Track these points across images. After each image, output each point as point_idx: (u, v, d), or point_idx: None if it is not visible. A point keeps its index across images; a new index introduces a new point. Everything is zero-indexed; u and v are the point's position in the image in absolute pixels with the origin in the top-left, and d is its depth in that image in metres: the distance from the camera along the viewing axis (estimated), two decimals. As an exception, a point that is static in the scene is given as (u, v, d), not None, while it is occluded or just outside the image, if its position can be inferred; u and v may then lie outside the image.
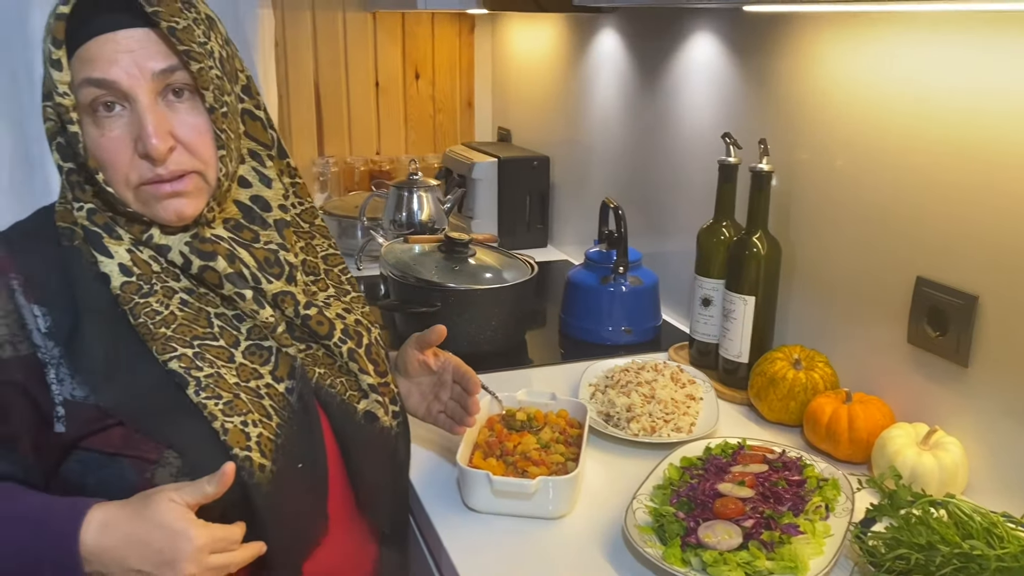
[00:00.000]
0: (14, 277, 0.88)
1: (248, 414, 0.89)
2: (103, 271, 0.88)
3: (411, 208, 1.99)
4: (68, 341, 0.87)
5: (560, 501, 1.09)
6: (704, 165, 1.65)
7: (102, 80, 0.85)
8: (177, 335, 0.89)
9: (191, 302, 0.92)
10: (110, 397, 0.87)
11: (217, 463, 0.84)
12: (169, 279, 0.92)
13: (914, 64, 1.19)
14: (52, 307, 0.88)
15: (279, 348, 0.96)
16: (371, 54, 2.58)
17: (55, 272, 0.89)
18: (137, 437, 0.87)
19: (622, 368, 1.43)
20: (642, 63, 1.86)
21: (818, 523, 1.03)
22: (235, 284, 0.93)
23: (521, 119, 2.57)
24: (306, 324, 0.98)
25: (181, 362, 0.88)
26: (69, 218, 0.91)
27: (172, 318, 0.90)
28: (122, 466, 0.87)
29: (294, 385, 0.95)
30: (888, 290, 1.27)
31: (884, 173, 1.25)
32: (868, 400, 1.25)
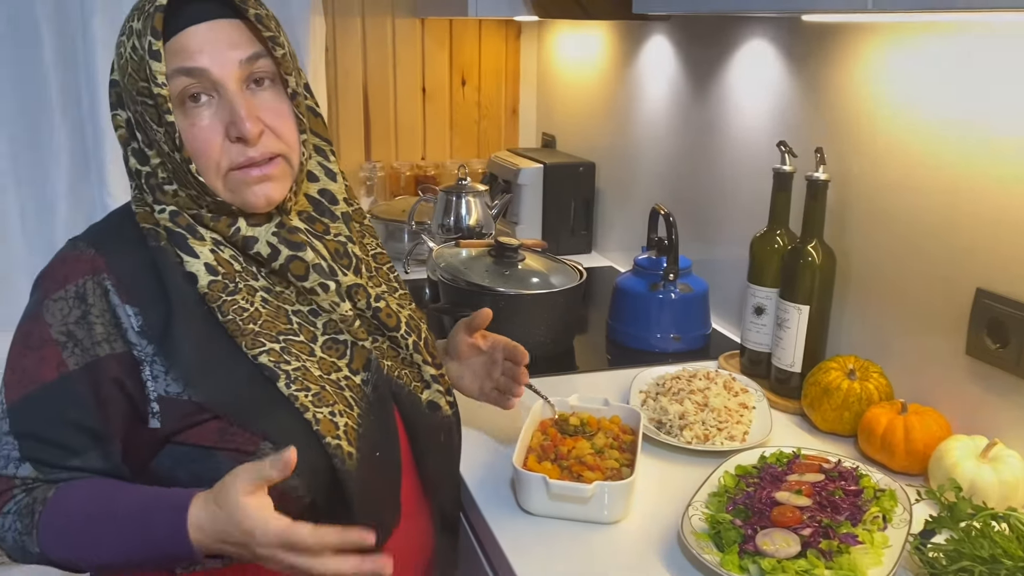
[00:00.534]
0: (107, 277, 0.90)
1: (334, 405, 0.93)
2: (189, 271, 0.91)
3: (459, 213, 2.01)
4: (161, 339, 0.89)
5: (615, 506, 1.10)
6: (756, 173, 1.65)
7: (193, 69, 0.89)
8: (264, 331, 0.92)
9: (270, 300, 0.95)
10: (205, 392, 0.89)
11: (310, 452, 0.88)
12: (249, 278, 0.95)
13: (973, 74, 1.18)
14: (144, 306, 0.90)
15: (353, 342, 0.99)
16: (419, 60, 2.61)
17: (144, 272, 0.91)
18: (233, 430, 0.89)
19: (673, 375, 1.43)
20: (693, 70, 1.86)
21: (876, 533, 1.02)
22: (320, 275, 0.97)
23: (566, 125, 2.58)
24: (376, 316, 1.02)
25: (270, 356, 0.91)
26: (151, 220, 0.94)
27: (257, 314, 0.93)
28: (218, 460, 0.89)
29: (369, 377, 0.99)
30: (946, 301, 1.26)
31: (942, 183, 1.25)
32: (924, 411, 1.24)
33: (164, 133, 0.89)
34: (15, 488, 0.89)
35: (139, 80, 0.88)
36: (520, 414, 1.31)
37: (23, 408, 0.89)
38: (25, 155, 2.19)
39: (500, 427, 1.33)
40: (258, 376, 0.91)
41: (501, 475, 1.21)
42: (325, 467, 0.91)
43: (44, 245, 2.24)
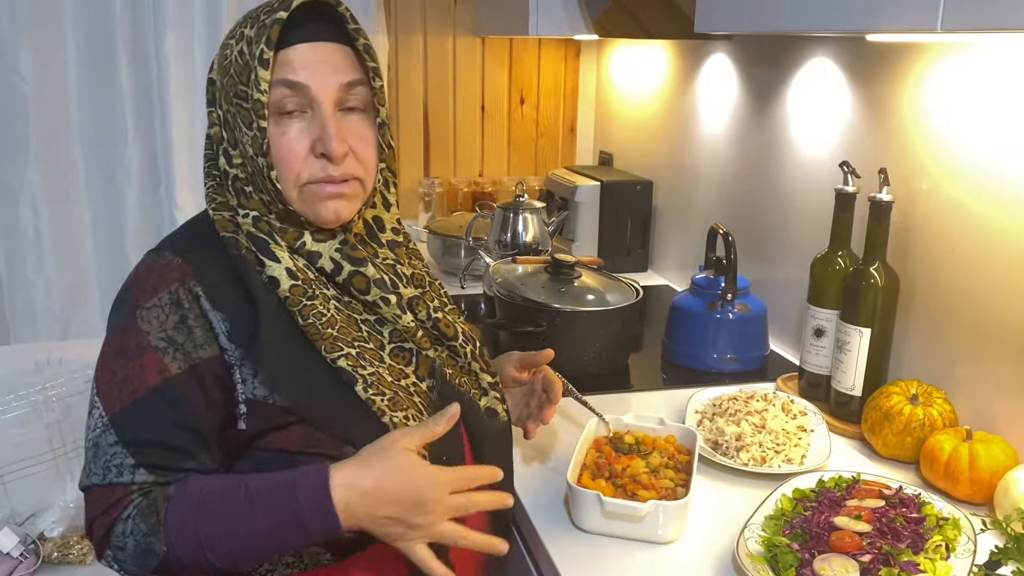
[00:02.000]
0: (196, 284, 0.93)
1: (408, 409, 0.97)
2: (271, 275, 0.94)
3: (516, 229, 2.02)
4: (248, 344, 0.92)
5: (670, 526, 1.09)
6: (816, 193, 1.63)
7: (295, 83, 0.93)
8: (341, 335, 0.96)
9: (342, 309, 0.99)
10: (290, 396, 0.92)
11: None
12: (321, 287, 0.98)
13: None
14: (230, 313, 0.93)
15: (418, 350, 1.03)
16: (479, 78, 2.65)
17: (228, 280, 0.94)
18: (318, 435, 0.92)
19: (730, 396, 1.42)
20: (754, 88, 1.85)
21: (939, 562, 1.00)
22: (381, 289, 1.00)
23: (623, 143, 2.59)
24: (436, 327, 1.06)
25: (348, 360, 0.95)
26: (231, 227, 0.97)
27: (334, 320, 0.96)
28: (303, 464, 0.90)
29: (435, 383, 1.03)
30: (1012, 327, 1.22)
31: (1008, 205, 1.22)
32: (990, 439, 1.21)
33: (252, 137, 0.93)
34: (133, 494, 0.90)
35: (239, 83, 0.93)
36: (575, 431, 1.31)
37: (130, 415, 0.90)
38: (97, 170, 2.28)
39: (555, 444, 1.34)
40: (337, 380, 0.94)
41: (555, 491, 1.21)
42: None
43: (113, 258, 2.32)
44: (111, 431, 0.90)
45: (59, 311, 2.30)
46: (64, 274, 2.29)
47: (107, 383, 0.92)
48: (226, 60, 0.95)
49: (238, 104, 0.93)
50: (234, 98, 0.94)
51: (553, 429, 1.39)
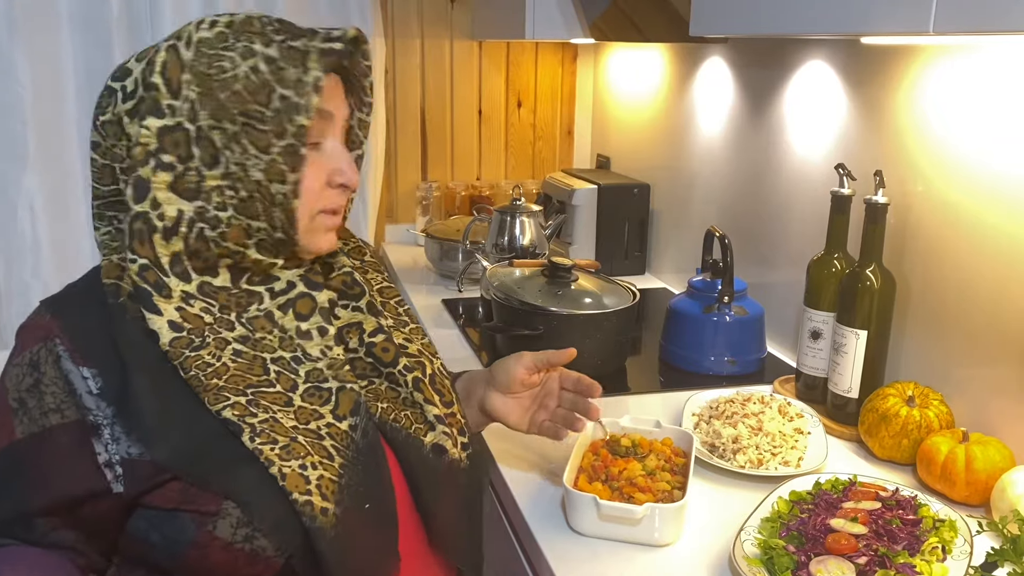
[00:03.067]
0: (60, 342, 0.88)
1: (306, 456, 0.87)
2: (152, 328, 0.87)
3: (513, 232, 2.03)
4: (119, 400, 0.86)
5: (666, 528, 1.09)
6: (813, 196, 1.63)
7: (327, 112, 0.92)
8: (230, 384, 0.88)
9: (245, 351, 0.91)
10: (164, 452, 0.85)
11: (277, 509, 0.85)
12: (223, 329, 0.90)
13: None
14: (101, 367, 0.87)
15: (340, 387, 0.94)
16: (476, 82, 2.65)
17: (102, 331, 0.88)
18: (193, 491, 0.85)
19: (727, 399, 1.42)
20: (751, 91, 1.86)
21: (935, 564, 1.00)
22: (322, 318, 0.96)
23: (621, 146, 2.59)
24: (371, 352, 0.99)
25: (235, 410, 0.86)
26: (114, 273, 0.91)
27: (224, 369, 0.88)
28: (184, 520, 0.85)
29: (357, 422, 0.93)
30: (1010, 328, 1.23)
31: (1005, 206, 1.22)
32: (987, 441, 1.21)
33: (270, 162, 0.87)
34: None
35: (251, 102, 0.86)
36: (571, 434, 1.31)
37: None
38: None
39: (551, 447, 1.33)
40: (221, 432, 0.86)
41: (552, 495, 1.21)
42: (297, 525, 0.85)
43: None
44: None
45: (57, 316, 2.30)
46: (62, 278, 2.28)
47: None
48: (225, 73, 0.86)
49: (247, 125, 0.86)
50: (240, 116, 0.86)
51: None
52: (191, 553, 0.85)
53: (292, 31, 0.91)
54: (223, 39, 0.88)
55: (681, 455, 1.24)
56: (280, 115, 0.86)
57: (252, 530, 0.84)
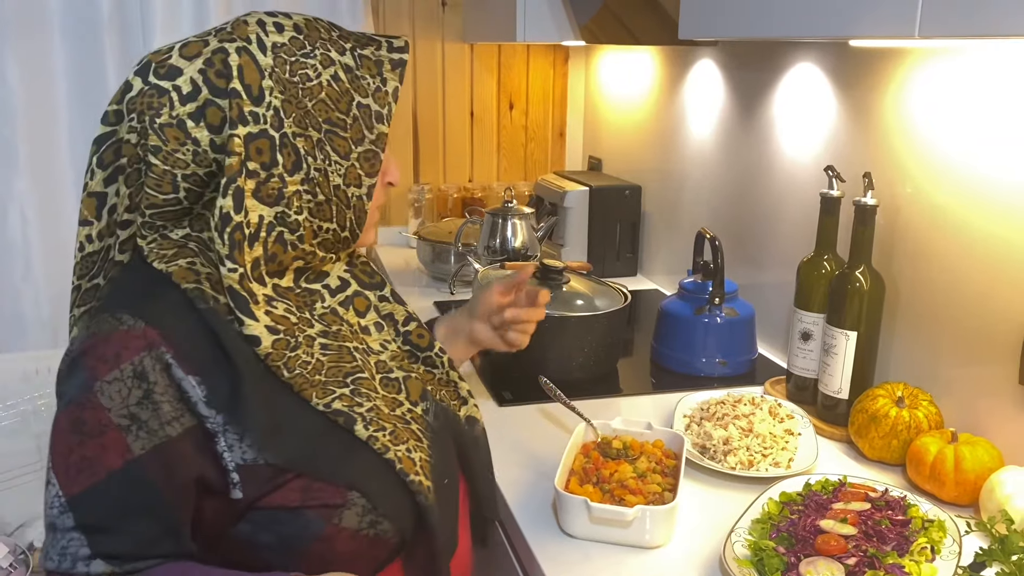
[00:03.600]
0: (166, 350, 0.84)
1: (408, 441, 0.94)
2: (250, 333, 0.87)
3: (505, 235, 2.03)
4: (229, 406, 0.85)
5: (657, 531, 1.09)
6: (802, 197, 1.64)
7: None
8: (330, 378, 0.91)
9: (330, 344, 0.95)
10: (282, 453, 0.86)
11: (395, 493, 0.90)
12: (305, 327, 0.93)
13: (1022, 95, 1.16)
14: (206, 375, 0.85)
15: (405, 376, 1.01)
16: (467, 85, 2.65)
17: (200, 338, 0.86)
18: (317, 485, 0.87)
19: (718, 400, 1.43)
20: (741, 94, 1.86)
21: (924, 564, 1.00)
22: (377, 314, 1.04)
23: (612, 149, 2.60)
24: (408, 340, 1.05)
25: (343, 402, 0.90)
26: (191, 278, 0.88)
27: (320, 364, 0.91)
28: (307, 518, 0.86)
29: (428, 406, 1.01)
30: (999, 328, 1.23)
31: (993, 208, 1.23)
32: (975, 441, 1.22)
33: (349, 167, 0.92)
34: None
35: (333, 110, 0.90)
36: (563, 436, 1.31)
37: (89, 499, 0.81)
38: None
39: (543, 449, 1.34)
40: (331, 426, 0.89)
41: (543, 497, 1.21)
42: (410, 505, 0.92)
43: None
44: (69, 514, 0.81)
45: (48, 319, 2.30)
46: (53, 282, 2.29)
47: (64, 460, 0.82)
48: (309, 81, 0.89)
49: (330, 132, 0.90)
50: (324, 124, 0.90)
51: (541, 434, 1.40)
52: (315, 547, 0.87)
53: (355, 38, 0.95)
54: (300, 46, 0.90)
55: (672, 457, 1.24)
56: (359, 122, 0.91)
57: (377, 516, 0.89)
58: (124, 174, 0.90)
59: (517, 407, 1.51)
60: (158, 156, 0.87)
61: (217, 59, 0.87)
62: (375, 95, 0.92)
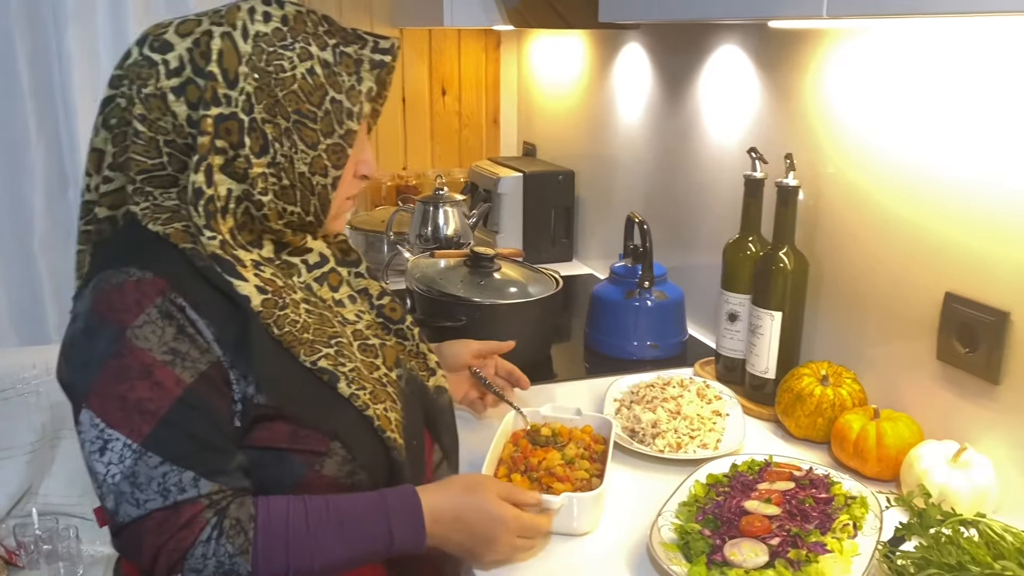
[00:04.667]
0: (177, 295, 0.90)
1: (385, 401, 1.01)
2: (242, 292, 0.92)
3: (437, 223, 2.00)
4: (236, 348, 0.91)
5: (585, 517, 1.09)
6: (729, 180, 1.65)
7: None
8: (317, 338, 0.97)
9: (312, 309, 1.00)
10: (277, 397, 0.92)
11: (373, 447, 0.97)
12: (290, 292, 0.99)
13: (942, 76, 1.18)
14: (214, 319, 0.91)
15: (381, 343, 1.07)
16: (398, 70, 2.61)
17: (205, 288, 0.91)
18: (304, 432, 0.93)
19: (648, 384, 1.43)
20: (667, 77, 1.86)
21: (846, 541, 1.02)
22: (350, 288, 1.09)
23: (546, 134, 2.58)
24: (381, 313, 1.12)
25: (328, 360, 0.96)
26: (188, 240, 0.93)
27: (307, 325, 0.97)
28: (292, 462, 0.93)
29: (401, 372, 1.08)
30: (917, 306, 1.25)
31: (911, 187, 1.25)
32: (897, 417, 1.24)
33: (316, 157, 0.95)
34: (205, 511, 0.87)
35: (307, 103, 0.93)
36: (493, 425, 1.30)
37: (165, 433, 0.86)
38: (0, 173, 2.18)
39: (473, 439, 1.32)
40: (317, 381, 0.95)
41: (472, 487, 1.20)
42: (386, 460, 0.99)
43: (21, 264, 2.23)
44: (150, 455, 0.86)
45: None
46: (9, 269, 2.20)
47: (120, 411, 0.86)
48: (284, 72, 0.92)
49: (299, 123, 0.93)
50: (293, 115, 0.93)
51: (473, 424, 1.38)
52: (295, 492, 0.92)
53: (343, 35, 0.98)
54: (281, 37, 0.93)
55: (601, 442, 1.24)
56: (330, 116, 0.94)
57: (355, 466, 0.95)
58: (112, 134, 0.96)
59: (448, 397, 1.49)
60: (144, 123, 0.93)
61: (204, 40, 0.92)
62: (348, 92, 0.95)
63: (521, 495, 1.02)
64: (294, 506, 0.90)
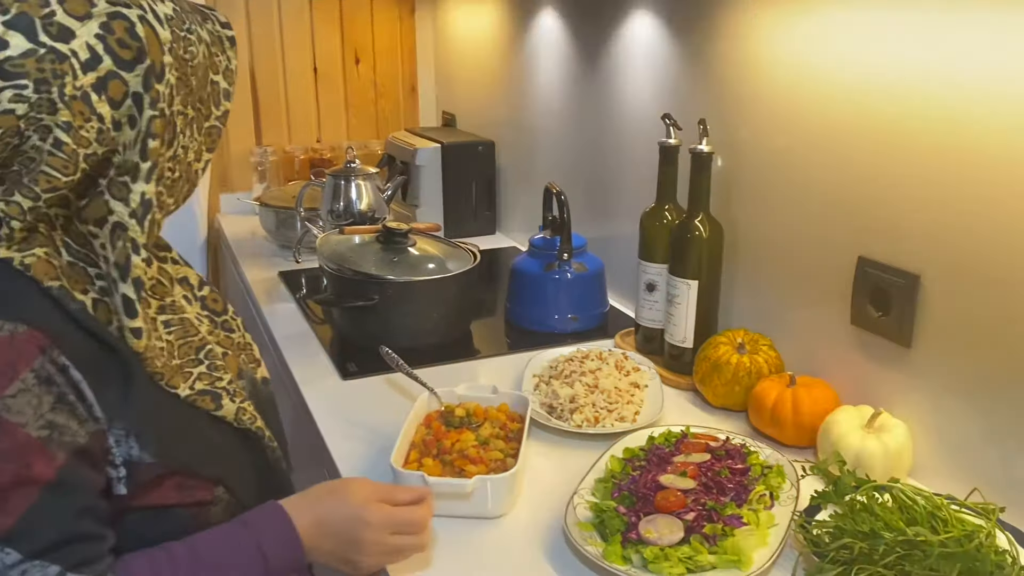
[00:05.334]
0: (59, 352, 0.77)
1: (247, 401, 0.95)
2: (134, 326, 0.82)
3: (349, 197, 1.93)
4: (117, 404, 0.80)
5: (499, 500, 1.05)
6: (646, 147, 1.62)
7: None
8: (184, 358, 0.89)
9: (171, 319, 0.91)
10: (163, 451, 0.82)
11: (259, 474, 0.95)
12: (146, 306, 0.87)
13: (857, 40, 1.16)
14: (92, 373, 0.79)
15: (224, 351, 0.98)
16: (308, 39, 2.51)
17: (79, 337, 0.79)
18: (191, 483, 0.86)
19: (567, 358, 1.40)
20: (582, 44, 1.82)
21: (762, 513, 1.00)
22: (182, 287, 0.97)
23: (465, 103, 2.52)
24: (205, 306, 1.00)
25: (203, 381, 0.89)
26: (52, 273, 0.80)
27: (171, 346, 0.89)
28: (179, 516, 0.86)
29: (245, 382, 1.00)
30: (831, 271, 1.24)
31: (824, 152, 1.23)
32: (813, 383, 1.23)
33: (198, 144, 0.89)
34: None
35: (202, 88, 0.87)
36: (409, 408, 1.25)
37: (30, 524, 0.74)
38: None
39: (387, 422, 1.27)
40: (196, 412, 0.88)
41: (383, 473, 1.14)
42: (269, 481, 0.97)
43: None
44: (7, 551, 0.73)
45: None
46: None
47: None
48: (195, 59, 0.85)
49: (197, 110, 0.87)
50: (197, 102, 0.87)
51: (386, 407, 1.33)
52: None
53: (200, 12, 0.90)
54: (181, 20, 0.84)
55: (517, 420, 1.20)
56: (211, 99, 0.90)
57: (240, 509, 0.90)
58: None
59: (362, 379, 1.43)
60: (70, 134, 0.76)
61: (118, 26, 0.78)
62: (224, 72, 0.91)
63: (394, 492, 0.94)
64: (156, 562, 0.82)
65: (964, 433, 1.08)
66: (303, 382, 1.42)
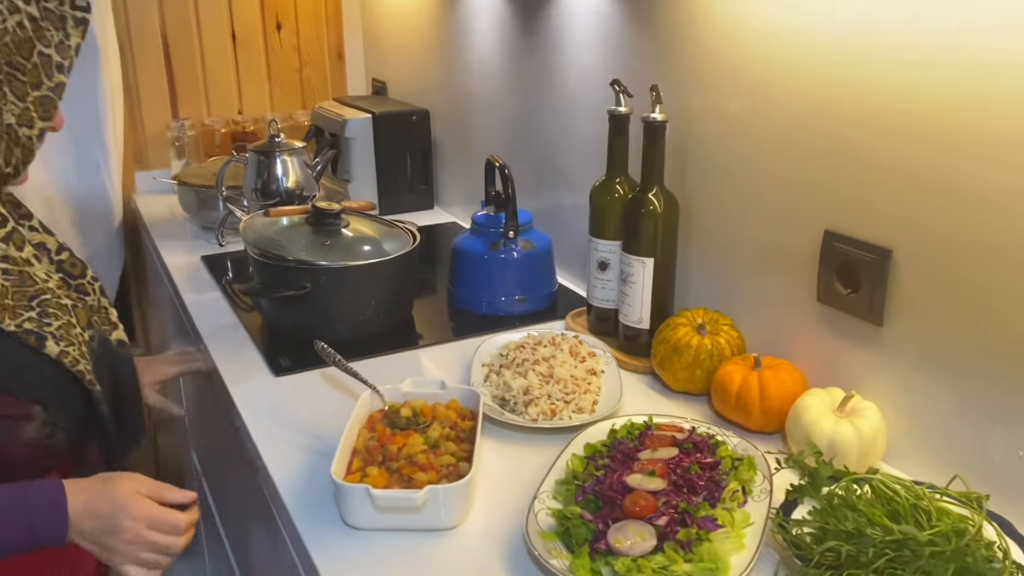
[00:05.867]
0: None
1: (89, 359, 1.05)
2: None
3: (274, 175, 1.79)
4: None
5: (452, 510, 0.96)
6: (594, 116, 1.52)
7: None
8: (18, 302, 0.99)
9: (10, 268, 1.02)
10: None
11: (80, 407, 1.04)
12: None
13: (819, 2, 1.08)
14: None
15: (73, 304, 1.07)
16: (224, 3, 2.33)
17: None
18: (4, 400, 0.95)
19: (517, 344, 1.31)
20: (522, 5, 1.71)
21: (736, 511, 0.94)
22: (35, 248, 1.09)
23: (397, 70, 2.38)
24: (61, 268, 1.12)
25: (32, 323, 0.99)
26: None
27: (5, 289, 0.99)
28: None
29: (94, 334, 1.10)
30: (795, 245, 1.17)
31: (786, 119, 1.15)
32: (779, 365, 1.16)
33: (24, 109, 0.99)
34: None
35: (15, 54, 0.97)
36: (350, 406, 1.15)
37: None
38: None
39: (325, 424, 1.17)
40: (21, 345, 0.97)
41: (323, 483, 1.05)
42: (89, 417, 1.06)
43: None
44: None
45: None
46: None
47: None
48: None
49: (10, 74, 0.97)
50: (5, 66, 0.96)
51: (324, 406, 1.22)
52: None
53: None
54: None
55: (469, 418, 1.11)
56: (38, 69, 0.99)
57: (55, 428, 1.00)
58: None
59: (297, 375, 1.32)
60: None
61: None
62: (58, 47, 1.01)
63: (163, 491, 1.01)
64: None
65: (937, 411, 1.02)
66: (231, 380, 1.30)
